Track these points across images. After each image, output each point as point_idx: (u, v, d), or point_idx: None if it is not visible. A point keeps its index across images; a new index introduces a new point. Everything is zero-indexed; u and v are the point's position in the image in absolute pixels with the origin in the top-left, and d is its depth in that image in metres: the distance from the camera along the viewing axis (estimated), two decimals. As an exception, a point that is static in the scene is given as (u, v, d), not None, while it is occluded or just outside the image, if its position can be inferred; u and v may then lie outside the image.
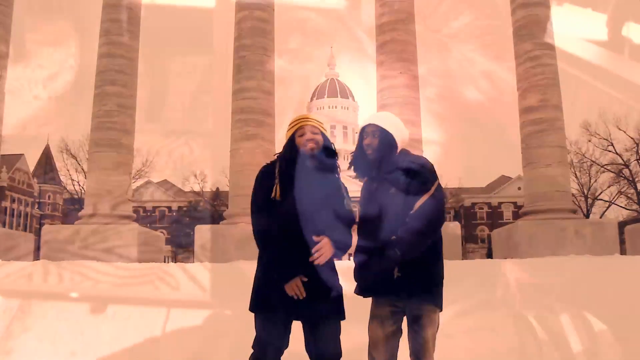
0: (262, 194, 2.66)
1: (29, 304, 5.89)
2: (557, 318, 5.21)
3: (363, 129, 2.86)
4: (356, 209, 2.81)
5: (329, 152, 2.75)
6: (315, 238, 2.57)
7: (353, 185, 4.55)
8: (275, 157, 2.79)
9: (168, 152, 52.87)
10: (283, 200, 2.60)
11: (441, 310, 2.73)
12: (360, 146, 2.87)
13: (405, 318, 2.74)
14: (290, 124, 2.80)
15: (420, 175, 2.67)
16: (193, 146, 53.92)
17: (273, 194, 2.62)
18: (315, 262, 2.54)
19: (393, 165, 2.76)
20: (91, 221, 12.53)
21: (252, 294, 2.66)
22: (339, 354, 2.65)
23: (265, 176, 2.71)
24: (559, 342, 4.86)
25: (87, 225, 12.42)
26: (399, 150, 2.81)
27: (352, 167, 2.93)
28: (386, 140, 2.79)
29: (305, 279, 2.53)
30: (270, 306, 2.58)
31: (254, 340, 2.64)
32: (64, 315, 5.68)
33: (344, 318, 2.67)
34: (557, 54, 12.76)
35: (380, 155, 2.79)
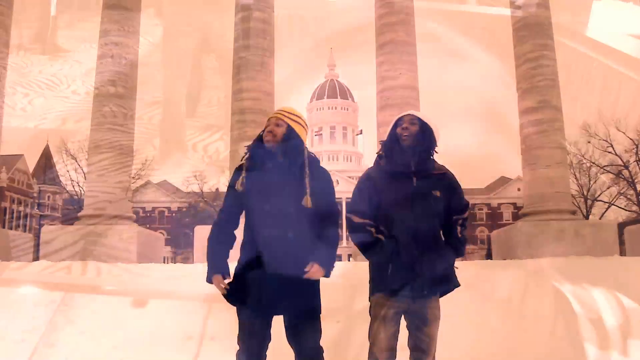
0: (230, 188, 2.71)
1: (71, 297, 5.90)
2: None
3: (400, 119, 2.74)
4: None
5: (294, 141, 2.65)
6: (306, 269, 2.53)
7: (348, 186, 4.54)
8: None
9: (203, 147, 52.56)
10: (247, 195, 2.62)
11: None
12: (393, 134, 2.72)
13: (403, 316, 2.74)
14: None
15: (459, 187, 2.83)
16: (229, 141, 53.97)
17: (238, 187, 2.64)
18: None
19: (432, 165, 2.74)
20: (90, 222, 12.51)
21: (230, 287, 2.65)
22: (318, 348, 2.62)
23: (235, 171, 2.72)
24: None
25: (86, 226, 12.40)
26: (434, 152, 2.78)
27: (383, 157, 2.74)
28: (426, 129, 2.70)
29: (226, 283, 2.58)
30: (243, 300, 2.57)
31: (238, 335, 2.63)
32: (105, 308, 5.72)
33: (319, 312, 2.63)
34: (600, 49, 12.62)
35: (419, 143, 2.67)
